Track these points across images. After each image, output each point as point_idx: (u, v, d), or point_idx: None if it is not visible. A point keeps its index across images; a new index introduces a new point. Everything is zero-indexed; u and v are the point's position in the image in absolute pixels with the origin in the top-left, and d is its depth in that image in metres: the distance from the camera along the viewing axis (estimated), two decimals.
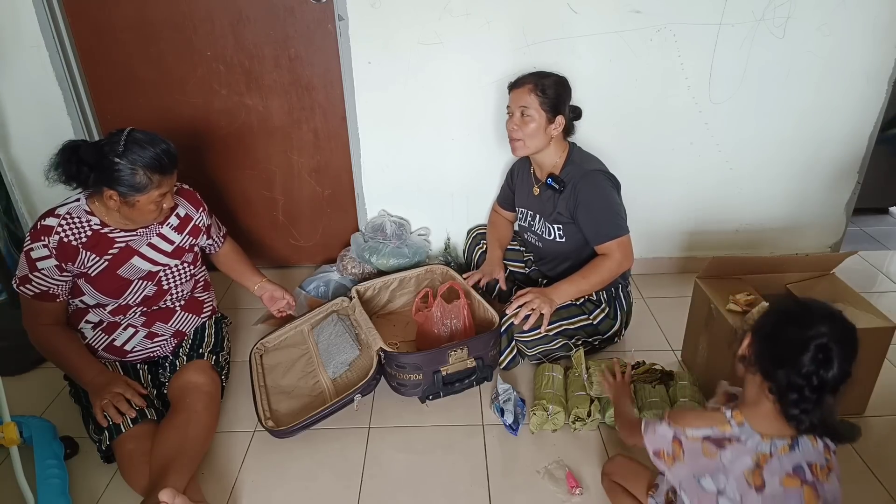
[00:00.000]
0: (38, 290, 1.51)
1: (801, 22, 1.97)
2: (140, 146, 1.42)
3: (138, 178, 1.42)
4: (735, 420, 1.03)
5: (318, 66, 2.11)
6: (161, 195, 1.49)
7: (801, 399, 0.95)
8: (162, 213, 1.56)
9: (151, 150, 1.43)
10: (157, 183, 1.45)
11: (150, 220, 1.55)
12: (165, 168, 1.46)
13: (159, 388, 1.66)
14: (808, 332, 0.95)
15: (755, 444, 1.00)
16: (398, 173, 2.27)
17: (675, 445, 1.07)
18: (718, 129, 2.15)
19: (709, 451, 1.03)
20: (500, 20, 1.96)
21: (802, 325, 0.96)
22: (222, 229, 1.86)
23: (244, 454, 1.59)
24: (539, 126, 1.75)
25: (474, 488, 1.47)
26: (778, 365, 0.97)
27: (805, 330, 0.95)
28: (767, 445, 1.00)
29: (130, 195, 1.44)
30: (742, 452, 1.01)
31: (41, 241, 1.47)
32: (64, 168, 1.41)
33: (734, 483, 1.00)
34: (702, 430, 1.04)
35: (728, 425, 1.03)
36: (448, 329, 1.85)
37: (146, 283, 1.62)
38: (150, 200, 1.47)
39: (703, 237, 2.37)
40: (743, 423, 1.02)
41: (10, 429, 1.35)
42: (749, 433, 1.01)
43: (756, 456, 1.00)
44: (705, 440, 1.04)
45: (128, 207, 1.47)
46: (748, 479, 0.99)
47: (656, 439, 1.09)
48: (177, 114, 2.18)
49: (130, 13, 2.01)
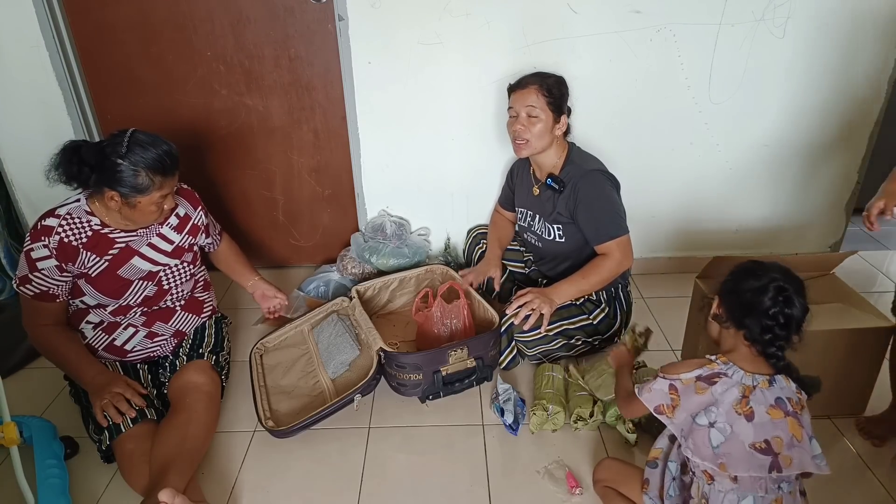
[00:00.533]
0: (39, 291, 1.51)
1: (801, 22, 1.97)
2: (143, 147, 1.43)
3: (140, 179, 1.42)
4: (720, 360, 1.15)
5: (318, 66, 2.11)
6: (162, 196, 1.50)
7: (775, 337, 1.09)
8: (163, 214, 1.57)
9: (154, 152, 1.44)
10: (158, 184, 1.46)
11: (150, 221, 1.55)
12: (167, 170, 1.47)
13: (159, 388, 1.66)
14: (764, 279, 1.10)
15: (739, 378, 1.12)
16: (398, 173, 2.27)
17: (672, 395, 1.15)
18: (718, 129, 2.15)
19: (701, 388, 1.13)
20: (500, 20, 1.96)
21: (758, 276, 1.11)
22: (217, 227, 1.87)
23: (244, 454, 1.60)
24: (546, 126, 1.75)
25: (474, 488, 1.47)
26: (747, 313, 1.11)
27: (761, 278, 1.11)
28: (750, 379, 1.11)
29: (132, 196, 1.44)
30: (730, 385, 1.11)
31: (41, 242, 1.47)
32: (65, 168, 1.42)
33: (724, 414, 1.10)
34: (693, 372, 1.14)
35: (714, 364, 1.14)
36: (448, 329, 1.85)
37: (146, 284, 1.62)
38: (151, 202, 1.47)
39: (702, 237, 2.37)
40: (728, 362, 1.14)
41: (10, 429, 1.35)
42: (734, 369, 1.13)
43: (741, 388, 1.11)
44: (697, 379, 1.14)
45: (129, 208, 1.47)
46: (736, 409, 1.09)
47: (654, 396, 1.17)
48: (177, 114, 2.18)
49: (130, 13, 2.01)
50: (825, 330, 1.50)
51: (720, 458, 1.08)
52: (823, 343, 1.51)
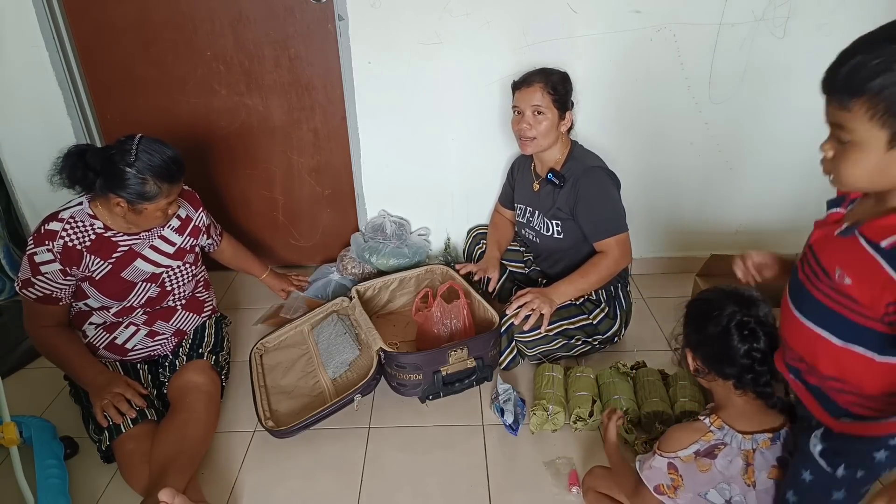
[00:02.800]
0: (42, 294, 1.51)
1: (801, 22, 1.97)
2: (150, 155, 1.43)
3: (148, 187, 1.43)
4: (715, 426, 1.06)
5: (318, 66, 2.11)
6: (168, 203, 1.51)
7: (757, 374, 1.03)
8: (168, 219, 1.59)
9: (160, 160, 1.44)
10: (165, 192, 1.47)
11: (155, 226, 1.58)
12: (174, 177, 1.48)
13: (159, 387, 1.66)
14: (722, 319, 1.03)
15: (738, 444, 1.04)
16: (398, 173, 2.27)
17: (671, 474, 1.08)
18: (718, 129, 2.15)
19: (703, 465, 1.05)
20: (500, 20, 1.96)
21: (713, 317, 1.04)
22: (218, 227, 1.88)
23: (244, 454, 1.60)
24: (552, 123, 1.75)
25: (474, 488, 1.47)
26: (722, 361, 1.05)
27: (718, 319, 1.04)
28: (749, 442, 1.03)
29: (138, 203, 1.45)
30: (731, 455, 1.03)
31: (45, 246, 1.47)
32: (69, 173, 1.42)
33: (738, 488, 1.02)
34: (691, 448, 1.07)
35: (710, 433, 1.06)
36: (448, 329, 1.85)
37: (150, 285, 1.62)
38: (157, 208, 1.49)
39: (702, 237, 2.37)
40: (723, 427, 1.06)
41: (10, 429, 1.35)
42: (731, 434, 1.05)
43: (743, 455, 1.03)
44: (696, 455, 1.06)
45: (135, 214, 1.48)
46: (745, 480, 1.02)
47: (652, 475, 1.10)
48: (177, 113, 2.18)
49: (130, 13, 2.01)
50: None
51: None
52: None
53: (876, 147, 0.79)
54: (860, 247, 0.85)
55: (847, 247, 0.88)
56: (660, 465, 1.09)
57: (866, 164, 0.82)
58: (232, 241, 1.98)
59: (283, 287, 2.16)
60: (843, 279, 0.87)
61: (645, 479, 1.11)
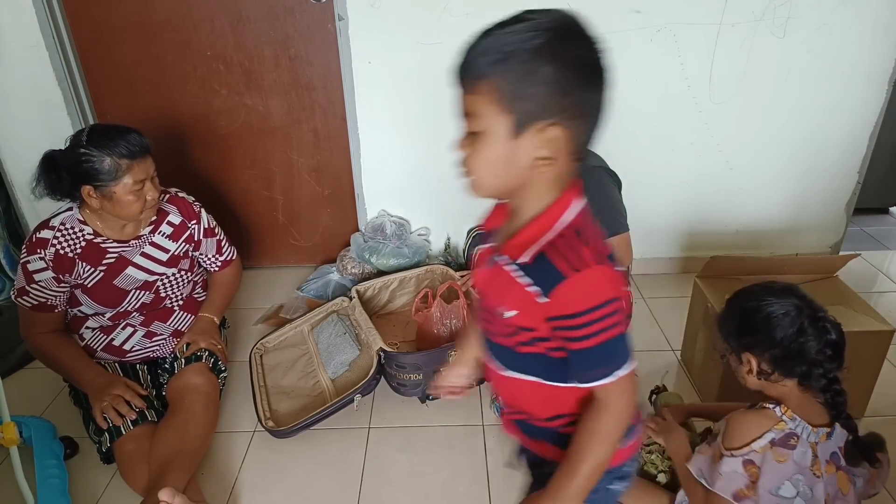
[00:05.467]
0: (37, 302, 1.51)
1: (801, 22, 1.97)
2: (103, 134, 1.42)
3: (106, 164, 1.40)
4: (787, 416, 1.00)
5: (318, 66, 2.11)
6: (137, 182, 1.44)
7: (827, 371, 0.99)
8: (149, 206, 1.50)
9: (115, 135, 1.42)
10: (126, 167, 1.41)
11: (135, 214, 1.49)
12: (134, 152, 1.42)
13: (159, 388, 1.66)
14: (793, 320, 1.00)
15: (807, 435, 0.99)
16: (398, 173, 2.27)
17: (749, 469, 0.99)
18: (718, 129, 2.15)
19: (780, 455, 0.98)
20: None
21: (779, 317, 1.01)
22: (225, 254, 1.78)
23: (244, 454, 1.59)
24: None
25: (474, 488, 1.47)
26: (794, 360, 1.00)
27: (786, 320, 1.00)
28: (816, 435, 1.00)
29: (105, 186, 1.41)
30: (805, 446, 0.99)
31: (38, 254, 1.47)
32: (45, 179, 1.42)
33: (805, 481, 0.98)
34: (764, 438, 0.99)
35: (783, 422, 1.00)
36: (448, 329, 1.84)
37: (143, 293, 1.62)
38: (126, 189, 1.43)
39: (702, 237, 2.37)
40: (794, 417, 1.00)
41: (9, 429, 1.35)
42: (802, 425, 1.00)
43: (811, 445, 0.99)
44: (772, 445, 0.99)
45: (109, 202, 1.44)
46: (815, 472, 0.98)
47: (729, 481, 0.99)
48: (176, 113, 2.18)
49: (130, 13, 2.01)
50: None
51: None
52: None
53: (502, 134, 0.73)
54: (505, 272, 0.77)
55: (498, 278, 0.79)
56: (733, 466, 0.99)
57: (494, 154, 0.75)
58: (228, 281, 1.81)
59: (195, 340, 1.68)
60: (507, 312, 0.78)
61: (720, 490, 1.00)
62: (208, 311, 1.76)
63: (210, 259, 1.76)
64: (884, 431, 1.58)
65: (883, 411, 1.65)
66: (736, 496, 0.98)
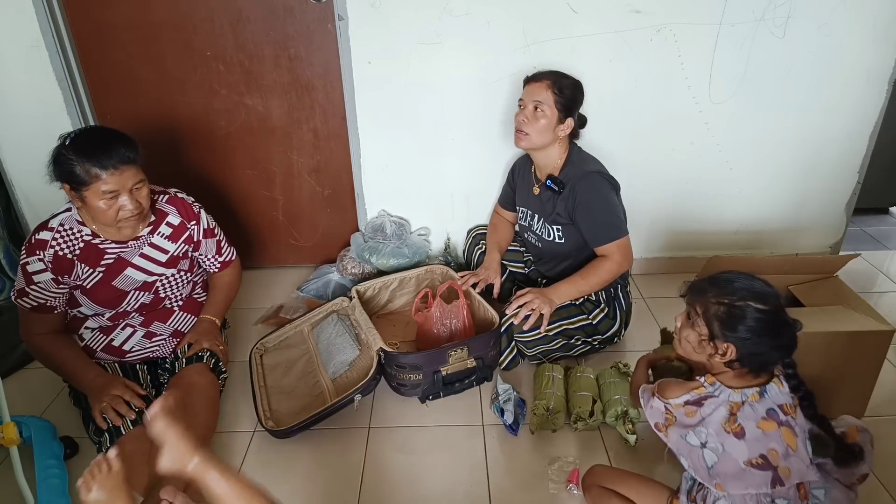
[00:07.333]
0: (36, 303, 1.51)
1: (801, 22, 1.97)
2: (85, 137, 1.40)
3: (77, 170, 1.37)
4: (707, 381, 1.16)
5: (318, 66, 2.11)
6: (108, 192, 1.39)
7: (793, 369, 1.14)
8: (124, 216, 1.45)
9: (96, 143, 1.39)
10: (95, 176, 1.37)
11: (110, 220, 1.45)
12: (106, 164, 1.37)
13: (158, 388, 1.66)
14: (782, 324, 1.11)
15: (727, 396, 1.13)
16: (398, 173, 2.27)
17: (667, 415, 1.20)
18: (718, 129, 2.15)
19: (690, 412, 1.16)
20: (500, 20, 1.96)
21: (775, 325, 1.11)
22: (225, 255, 1.78)
23: (244, 454, 1.60)
24: (549, 123, 1.75)
25: (474, 488, 1.47)
26: (766, 359, 1.13)
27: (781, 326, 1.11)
28: (738, 395, 1.13)
29: (78, 189, 1.40)
30: (717, 404, 1.13)
31: (36, 256, 1.47)
32: (53, 160, 1.41)
33: (714, 434, 1.12)
34: (682, 398, 1.18)
35: (702, 387, 1.16)
36: (448, 329, 1.84)
37: (142, 293, 1.62)
38: (97, 197, 1.39)
39: (702, 237, 2.37)
40: (715, 382, 1.15)
41: (9, 429, 1.35)
42: (721, 388, 1.14)
43: (729, 406, 1.13)
44: (686, 404, 1.17)
45: (84, 204, 1.43)
46: (725, 428, 1.11)
47: (653, 413, 1.22)
48: (176, 113, 2.18)
49: (130, 13, 2.01)
50: (826, 332, 1.50)
51: (715, 479, 1.10)
52: (824, 345, 1.51)
53: None
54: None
55: None
56: (658, 406, 1.21)
57: None
58: (228, 282, 1.81)
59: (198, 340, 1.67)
60: None
61: (647, 416, 1.23)
62: (209, 313, 1.75)
63: (210, 260, 1.76)
64: (884, 431, 1.60)
65: (883, 411, 1.65)
66: (657, 427, 1.21)
